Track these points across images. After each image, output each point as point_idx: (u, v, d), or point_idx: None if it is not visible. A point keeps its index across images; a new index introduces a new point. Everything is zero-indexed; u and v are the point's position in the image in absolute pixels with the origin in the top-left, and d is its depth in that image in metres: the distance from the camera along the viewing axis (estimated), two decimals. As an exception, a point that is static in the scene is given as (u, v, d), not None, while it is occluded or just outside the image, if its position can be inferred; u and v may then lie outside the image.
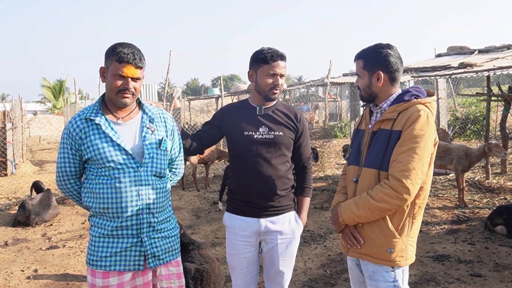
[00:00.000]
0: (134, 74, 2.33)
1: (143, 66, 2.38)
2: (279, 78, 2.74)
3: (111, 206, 2.32)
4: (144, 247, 2.37)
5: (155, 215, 2.42)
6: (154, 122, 2.49)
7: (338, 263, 4.97)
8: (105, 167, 2.32)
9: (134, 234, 2.36)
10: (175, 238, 2.57)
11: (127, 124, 2.42)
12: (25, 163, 14.03)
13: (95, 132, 2.34)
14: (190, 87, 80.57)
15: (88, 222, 2.49)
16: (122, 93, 2.34)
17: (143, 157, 2.38)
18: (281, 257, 2.83)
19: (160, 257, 2.43)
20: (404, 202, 2.20)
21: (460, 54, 11.07)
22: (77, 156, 2.38)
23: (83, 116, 2.37)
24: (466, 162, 7.16)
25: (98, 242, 2.36)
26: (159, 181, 2.46)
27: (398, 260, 2.29)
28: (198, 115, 29.60)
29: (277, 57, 2.72)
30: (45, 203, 7.14)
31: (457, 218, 6.58)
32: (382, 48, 2.36)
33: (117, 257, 2.34)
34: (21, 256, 5.52)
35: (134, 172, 2.34)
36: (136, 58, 2.32)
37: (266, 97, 2.78)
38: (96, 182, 2.35)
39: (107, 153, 2.31)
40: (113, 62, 2.31)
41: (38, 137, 26.11)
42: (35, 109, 45.60)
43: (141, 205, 2.36)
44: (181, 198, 8.57)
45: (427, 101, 2.30)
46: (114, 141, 2.33)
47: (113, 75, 2.32)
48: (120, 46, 2.33)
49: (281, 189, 2.78)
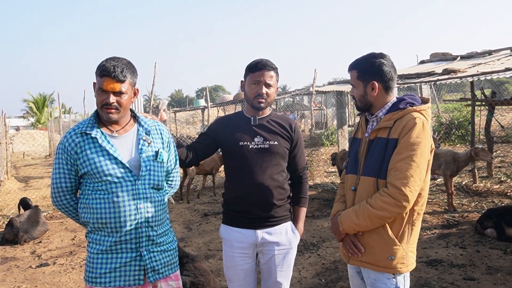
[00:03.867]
0: (114, 88, 2.27)
1: (125, 79, 2.30)
2: (263, 86, 2.76)
3: (110, 221, 2.29)
4: (143, 261, 2.34)
5: (154, 228, 2.40)
6: (150, 134, 2.48)
7: (332, 271, 4.97)
8: (102, 181, 2.29)
9: (133, 248, 2.33)
10: (174, 251, 2.55)
11: (123, 137, 2.40)
12: (10, 180, 13.82)
13: (91, 146, 2.32)
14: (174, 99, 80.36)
15: (86, 238, 2.45)
16: (105, 108, 2.30)
17: (140, 170, 2.36)
18: (279, 268, 2.83)
19: (160, 271, 2.41)
20: (403, 210, 2.22)
21: (443, 60, 11.22)
22: (73, 171, 2.35)
23: (79, 131, 2.35)
24: (454, 166, 7.24)
25: (96, 258, 2.33)
26: (157, 194, 2.44)
27: (399, 267, 2.31)
28: (184, 127, 29.49)
29: (262, 66, 2.76)
30: (33, 219, 7.03)
31: (447, 222, 6.64)
32: (376, 57, 2.38)
33: (117, 273, 2.31)
34: (11, 275, 5.42)
35: (132, 185, 2.32)
36: (117, 71, 2.26)
37: (252, 106, 2.81)
38: (93, 197, 2.32)
39: (104, 167, 2.29)
40: (97, 76, 2.30)
41: (22, 153, 25.75)
42: (17, 125, 45.01)
43: (140, 218, 2.33)
44: (172, 211, 8.51)
45: (422, 109, 2.33)
46: (111, 154, 2.31)
47: (96, 90, 2.31)
48: (105, 60, 2.31)
49: (277, 199, 2.79)
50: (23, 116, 48.65)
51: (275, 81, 2.82)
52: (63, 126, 22.82)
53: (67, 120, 24.79)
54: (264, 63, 2.77)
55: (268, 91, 2.78)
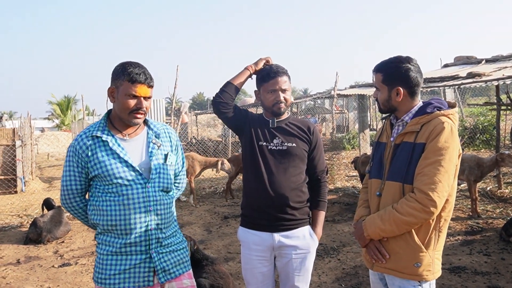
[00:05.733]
0: (146, 93, 2.37)
1: (153, 85, 2.42)
2: (280, 93, 2.78)
3: (120, 223, 2.31)
4: (153, 263, 2.35)
5: (163, 231, 2.42)
6: (159, 137, 2.51)
7: (353, 277, 4.92)
8: (112, 183, 2.32)
9: (143, 251, 2.35)
10: (184, 250, 2.56)
11: (133, 140, 2.44)
12: (35, 180, 14.08)
13: (102, 149, 2.35)
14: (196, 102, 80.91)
15: (95, 240, 2.48)
16: (135, 113, 2.36)
17: (150, 173, 2.38)
18: (296, 272, 2.81)
19: (171, 270, 2.41)
20: (430, 216, 2.17)
21: (467, 64, 11.03)
22: (83, 173, 2.38)
23: (89, 134, 2.38)
24: (478, 172, 7.11)
25: (106, 260, 2.35)
26: (166, 196, 2.46)
27: (425, 275, 2.26)
28: (205, 129, 29.67)
29: (274, 73, 2.77)
30: (56, 220, 7.14)
31: (471, 228, 6.51)
32: (402, 62, 2.32)
33: (126, 274, 2.33)
34: (34, 274, 5.51)
35: (142, 188, 2.34)
36: (148, 77, 2.36)
37: (273, 113, 2.83)
38: (103, 199, 2.34)
39: (114, 169, 2.31)
40: (124, 82, 2.32)
41: (46, 154, 26.23)
42: (42, 126, 45.86)
43: (149, 221, 2.35)
44: (192, 213, 8.55)
45: (450, 113, 2.28)
46: (122, 157, 2.34)
47: (125, 95, 2.33)
48: (130, 66, 2.35)
49: (295, 201, 2.77)
50: (48, 118, 49.55)
51: (289, 84, 2.84)
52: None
53: (90, 122, 25.12)
54: (276, 70, 2.80)
55: (285, 96, 2.80)
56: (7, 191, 11.86)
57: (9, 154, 11.91)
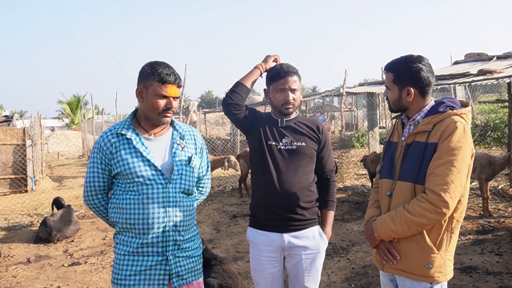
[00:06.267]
0: (176, 93, 2.39)
1: (182, 85, 2.44)
2: (289, 93, 2.76)
3: (138, 222, 2.31)
4: (169, 266, 2.34)
5: (181, 233, 2.40)
6: (184, 139, 2.50)
7: (362, 276, 4.88)
8: (133, 182, 2.31)
9: (159, 252, 2.34)
10: (198, 258, 2.54)
11: (158, 140, 2.44)
12: (45, 179, 14.15)
13: (125, 147, 2.35)
14: (204, 100, 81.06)
15: (113, 240, 2.47)
16: (165, 112, 2.38)
17: (172, 174, 2.37)
18: (306, 273, 2.79)
19: (184, 276, 2.40)
20: (443, 216, 2.14)
21: (478, 60, 10.92)
22: (107, 171, 2.39)
23: (115, 131, 2.39)
24: (489, 170, 7.02)
25: (123, 260, 2.35)
26: (187, 199, 2.44)
27: (437, 276, 2.22)
28: (213, 128, 29.67)
29: (285, 73, 2.76)
30: (66, 219, 7.17)
31: (482, 228, 6.44)
32: (413, 62, 2.29)
33: (141, 276, 2.32)
34: (44, 273, 5.53)
35: (163, 188, 2.33)
36: (177, 78, 2.38)
37: (281, 113, 2.82)
38: (123, 197, 2.34)
39: (136, 168, 2.31)
40: (154, 82, 2.33)
41: (56, 153, 26.40)
42: (52, 125, 46.21)
43: (168, 222, 2.34)
44: (200, 212, 8.54)
45: (462, 112, 2.24)
46: (144, 156, 2.34)
47: (155, 95, 2.34)
48: (159, 66, 2.36)
49: (304, 201, 2.75)
50: (58, 117, 49.93)
51: (299, 84, 2.82)
52: (96, 126, 23.29)
53: (100, 121, 25.25)
54: (286, 70, 2.78)
55: (294, 96, 2.78)
56: (17, 190, 11.97)
57: (19, 153, 12.02)
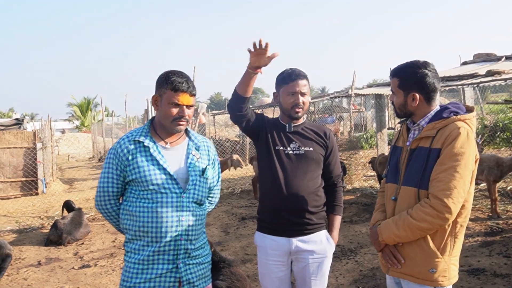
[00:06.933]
0: (189, 102, 2.40)
1: (196, 93, 2.45)
2: (299, 96, 2.78)
3: (151, 230, 2.32)
4: (179, 273, 2.36)
5: (192, 242, 2.42)
6: (199, 150, 2.53)
7: (370, 279, 4.89)
8: (148, 189, 2.33)
9: (170, 260, 2.36)
10: (208, 264, 2.58)
11: (174, 149, 2.46)
12: (55, 181, 14.30)
13: (142, 154, 2.37)
14: (213, 102, 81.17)
15: (124, 248, 2.49)
16: (178, 121, 2.39)
17: (187, 183, 2.40)
18: (313, 277, 2.81)
19: (195, 283, 2.42)
20: (445, 222, 2.16)
21: (486, 61, 10.84)
22: (121, 177, 2.40)
23: (132, 138, 2.41)
24: (497, 172, 6.98)
25: (133, 268, 2.36)
26: (199, 209, 2.47)
27: (441, 280, 2.24)
28: (222, 130, 29.75)
29: (295, 76, 2.79)
30: (76, 222, 7.25)
31: (490, 229, 6.41)
32: (419, 67, 2.30)
33: (151, 283, 2.33)
34: (54, 275, 5.60)
35: (177, 197, 2.36)
36: (190, 86, 2.39)
37: (290, 116, 2.84)
38: (137, 204, 2.35)
39: (152, 176, 2.33)
40: (167, 90, 2.36)
41: (66, 155, 26.61)
42: (62, 127, 46.55)
43: (180, 231, 2.36)
44: (209, 214, 8.56)
45: (466, 118, 2.25)
46: (161, 164, 2.36)
47: (168, 104, 2.37)
48: (173, 74, 2.38)
49: (312, 206, 2.77)
50: (68, 119, 50.29)
51: (308, 88, 2.85)
52: (105, 129, 23.45)
53: (109, 123, 25.42)
54: (297, 73, 2.81)
55: (304, 100, 2.81)
56: (28, 193, 12.09)
57: (30, 156, 12.14)
